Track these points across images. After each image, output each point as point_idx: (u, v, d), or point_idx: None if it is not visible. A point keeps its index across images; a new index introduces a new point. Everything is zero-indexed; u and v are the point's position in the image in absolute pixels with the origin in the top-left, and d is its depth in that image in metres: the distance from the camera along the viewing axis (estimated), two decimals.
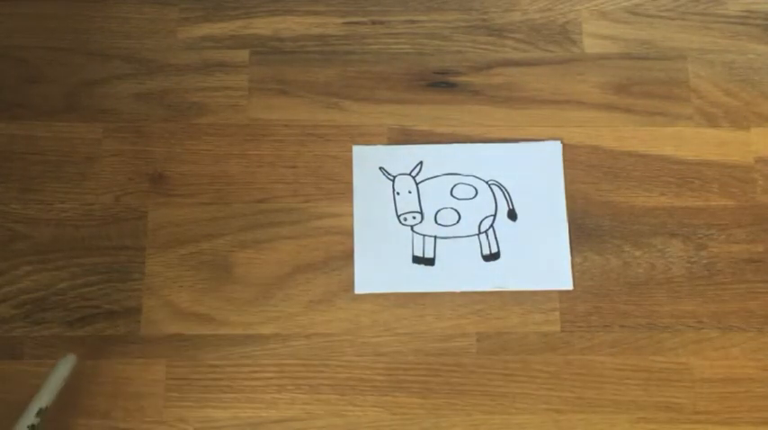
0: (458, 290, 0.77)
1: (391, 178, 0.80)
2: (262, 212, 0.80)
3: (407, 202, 0.79)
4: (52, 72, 0.82)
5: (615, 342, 0.76)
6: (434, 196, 0.79)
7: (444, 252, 0.78)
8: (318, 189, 0.80)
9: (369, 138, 0.81)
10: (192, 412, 0.74)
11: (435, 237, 0.78)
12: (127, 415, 0.74)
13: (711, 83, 0.84)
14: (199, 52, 0.83)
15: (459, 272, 0.78)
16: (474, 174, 0.80)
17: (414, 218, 0.79)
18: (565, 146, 0.81)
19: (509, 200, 0.80)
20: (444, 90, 0.83)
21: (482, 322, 0.77)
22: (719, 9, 0.86)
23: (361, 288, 0.77)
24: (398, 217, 0.79)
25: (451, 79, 0.83)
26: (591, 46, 0.84)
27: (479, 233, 0.79)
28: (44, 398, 0.69)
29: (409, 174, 0.80)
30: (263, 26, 0.84)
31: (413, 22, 0.85)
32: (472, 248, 0.78)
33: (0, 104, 0.81)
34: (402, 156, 0.76)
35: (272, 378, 0.75)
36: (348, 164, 0.81)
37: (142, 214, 0.79)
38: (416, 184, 0.80)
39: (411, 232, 0.78)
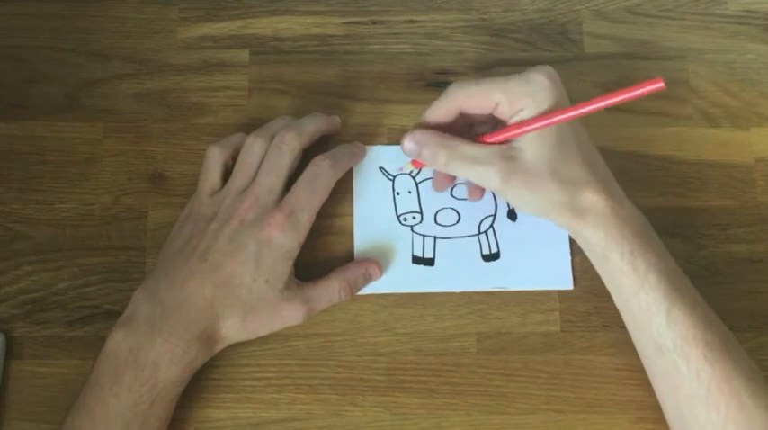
0: (458, 290, 0.77)
1: (391, 178, 0.80)
2: None
3: (407, 202, 0.79)
4: (52, 72, 0.82)
5: (615, 342, 0.76)
6: (434, 196, 0.79)
7: (444, 252, 0.78)
8: None
9: (369, 138, 0.81)
10: (191, 412, 0.74)
11: (435, 237, 0.78)
12: None
13: (711, 83, 0.84)
14: (199, 52, 0.83)
15: (460, 272, 0.77)
16: None
17: (414, 218, 0.79)
18: None
19: None
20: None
21: (482, 322, 0.77)
22: (719, 9, 0.86)
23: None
24: (398, 217, 0.79)
25: (451, 79, 0.83)
26: (591, 46, 0.84)
27: (479, 233, 0.78)
28: None
29: (409, 174, 0.80)
30: (263, 26, 0.84)
31: (413, 21, 0.85)
32: (472, 248, 0.78)
33: (0, 104, 0.81)
34: (402, 156, 0.75)
35: (272, 378, 0.75)
36: None
37: (142, 214, 0.79)
38: (416, 184, 0.80)
39: (411, 232, 0.78)
